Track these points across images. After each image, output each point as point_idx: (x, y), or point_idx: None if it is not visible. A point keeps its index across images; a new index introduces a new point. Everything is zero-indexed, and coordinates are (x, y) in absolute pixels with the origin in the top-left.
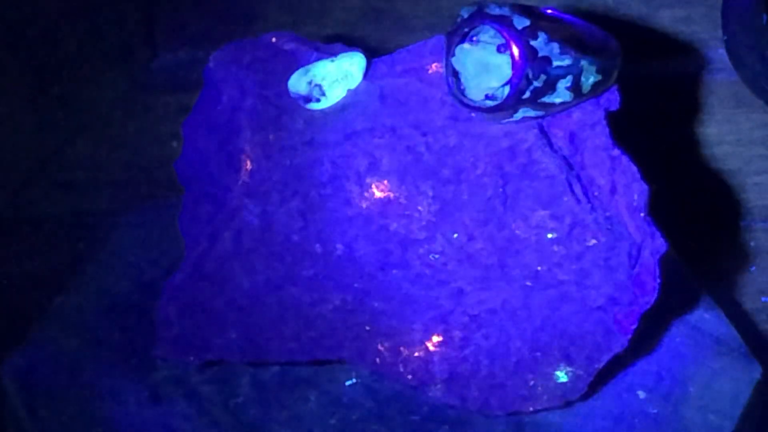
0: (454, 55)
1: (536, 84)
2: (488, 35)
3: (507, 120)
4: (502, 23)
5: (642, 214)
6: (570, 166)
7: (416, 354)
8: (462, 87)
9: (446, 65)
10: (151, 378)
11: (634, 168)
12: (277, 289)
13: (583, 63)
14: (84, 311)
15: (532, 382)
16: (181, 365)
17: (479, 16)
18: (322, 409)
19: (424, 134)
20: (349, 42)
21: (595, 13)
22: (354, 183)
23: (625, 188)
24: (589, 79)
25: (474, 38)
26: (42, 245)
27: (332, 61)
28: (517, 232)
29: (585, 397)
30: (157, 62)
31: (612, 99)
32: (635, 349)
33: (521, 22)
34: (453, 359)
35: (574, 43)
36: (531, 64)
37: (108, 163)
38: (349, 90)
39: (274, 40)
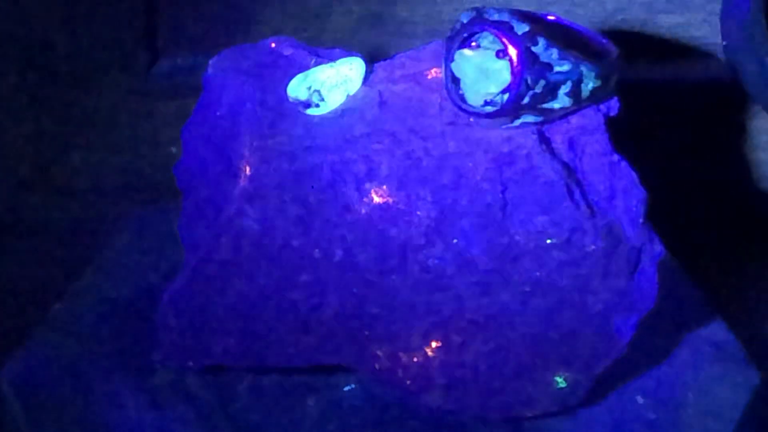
0: (453, 60)
1: (535, 89)
2: (488, 40)
3: (506, 126)
4: (502, 28)
5: (641, 220)
6: (569, 172)
7: (415, 359)
8: (461, 92)
9: (445, 71)
10: (150, 383)
11: (633, 173)
12: (276, 295)
13: (583, 69)
14: (83, 316)
15: (531, 388)
16: (180, 370)
17: (478, 22)
18: (320, 415)
19: (423, 139)
20: (348, 47)
21: (595, 19)
22: (353, 188)
23: (624, 194)
24: (589, 85)
25: (473, 43)
26: (41, 251)
27: (331, 66)
28: (516, 237)
29: (584, 402)
30: (157, 68)
31: (611, 105)
32: (634, 354)
33: (520, 28)
34: (452, 365)
35: (573, 48)
36: (530, 69)
37: (107, 168)
38: (348, 95)
39: (273, 45)
